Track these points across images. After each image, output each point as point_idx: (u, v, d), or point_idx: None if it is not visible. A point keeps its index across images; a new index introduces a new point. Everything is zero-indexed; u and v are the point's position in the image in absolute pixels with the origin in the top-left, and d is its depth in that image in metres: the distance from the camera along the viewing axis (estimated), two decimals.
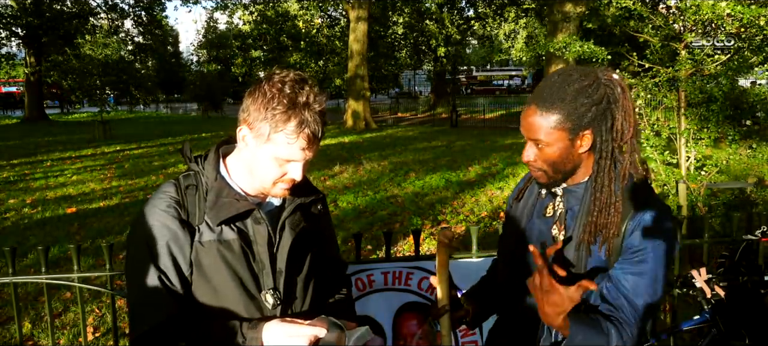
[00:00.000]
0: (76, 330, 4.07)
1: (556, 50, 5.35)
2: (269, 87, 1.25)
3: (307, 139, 1.25)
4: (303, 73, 1.29)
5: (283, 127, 1.23)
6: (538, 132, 1.31)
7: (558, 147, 1.31)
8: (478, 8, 29.66)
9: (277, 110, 1.23)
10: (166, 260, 1.27)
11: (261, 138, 1.26)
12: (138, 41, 34.68)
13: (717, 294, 2.21)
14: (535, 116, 1.31)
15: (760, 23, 4.00)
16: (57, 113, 35.31)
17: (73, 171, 11.68)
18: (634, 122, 1.36)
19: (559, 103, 1.29)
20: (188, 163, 1.40)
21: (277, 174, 1.30)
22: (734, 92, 4.47)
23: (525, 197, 1.55)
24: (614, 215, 1.31)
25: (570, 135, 1.31)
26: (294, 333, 1.22)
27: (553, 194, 1.45)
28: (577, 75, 1.31)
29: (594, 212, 1.33)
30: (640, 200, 1.33)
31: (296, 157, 1.27)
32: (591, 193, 1.35)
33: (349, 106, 22.38)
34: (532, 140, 1.34)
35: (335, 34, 31.38)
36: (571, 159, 1.34)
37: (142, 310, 1.28)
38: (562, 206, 1.42)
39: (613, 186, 1.33)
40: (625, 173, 1.35)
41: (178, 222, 1.29)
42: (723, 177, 5.72)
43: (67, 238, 6.53)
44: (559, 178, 1.38)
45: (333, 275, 1.61)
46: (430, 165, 11.58)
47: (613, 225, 1.31)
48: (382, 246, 3.83)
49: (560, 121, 1.29)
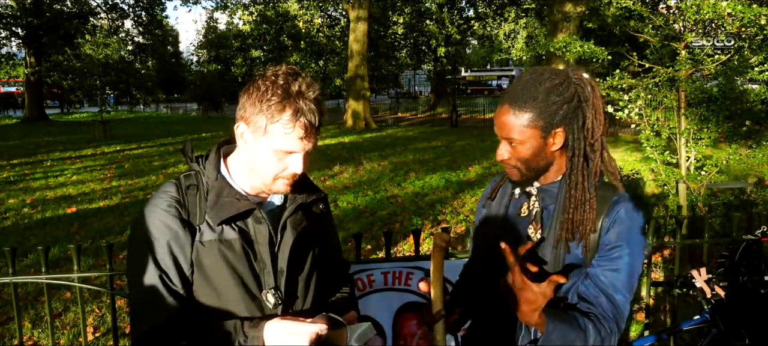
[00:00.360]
0: (76, 330, 4.07)
1: (557, 50, 5.35)
2: (263, 82, 1.26)
3: (304, 128, 1.25)
4: (295, 67, 1.30)
5: (279, 118, 1.23)
6: (511, 131, 1.34)
7: (531, 145, 1.34)
8: (478, 8, 29.65)
9: (272, 101, 1.23)
10: (167, 260, 1.27)
11: (258, 132, 1.26)
12: (138, 41, 34.69)
13: (717, 294, 2.21)
14: (508, 115, 1.34)
15: (761, 23, 3.99)
16: (57, 113, 35.31)
17: (73, 171, 11.67)
18: (604, 120, 1.39)
19: (531, 102, 1.32)
20: (189, 163, 1.40)
21: (277, 168, 1.30)
22: (734, 92, 4.47)
23: (498, 196, 1.57)
24: (589, 211, 1.35)
25: (542, 133, 1.34)
26: (295, 331, 1.22)
27: (527, 193, 1.47)
28: (548, 74, 1.34)
29: (570, 209, 1.36)
30: (613, 197, 1.36)
31: (295, 147, 1.27)
32: (566, 190, 1.38)
33: (349, 106, 22.37)
34: (505, 139, 1.37)
35: (335, 34, 31.38)
36: (544, 157, 1.37)
37: (144, 310, 1.28)
38: (537, 205, 1.44)
39: (586, 183, 1.36)
40: (596, 170, 1.38)
41: (179, 222, 1.29)
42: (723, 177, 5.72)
43: (67, 238, 6.53)
44: (532, 175, 1.41)
45: (335, 274, 1.61)
46: (430, 165, 11.58)
47: (589, 221, 1.34)
48: (382, 246, 3.83)
49: (532, 119, 1.32)
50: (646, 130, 4.76)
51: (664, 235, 5.07)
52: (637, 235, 1.34)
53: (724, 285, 2.21)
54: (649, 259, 2.88)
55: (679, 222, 2.83)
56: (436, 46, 29.15)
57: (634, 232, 1.33)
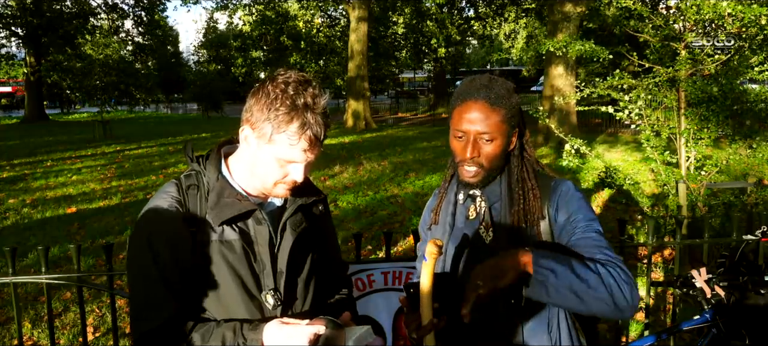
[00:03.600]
0: (76, 330, 4.07)
1: (557, 49, 5.35)
2: (272, 87, 1.25)
3: (309, 141, 1.25)
4: (306, 75, 1.29)
5: (285, 129, 1.23)
6: (486, 126, 1.37)
7: (500, 143, 1.40)
8: (479, 8, 29.63)
9: (279, 111, 1.23)
10: (168, 260, 1.27)
11: (263, 138, 1.26)
12: (138, 41, 34.68)
13: (717, 294, 2.21)
14: (486, 110, 1.37)
15: (761, 23, 3.99)
16: (57, 113, 35.30)
17: (73, 171, 11.67)
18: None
19: (504, 101, 1.38)
20: (190, 163, 1.40)
21: (278, 175, 1.30)
22: (734, 92, 4.47)
23: (442, 210, 1.57)
24: (534, 199, 1.42)
25: (510, 132, 1.42)
26: (293, 333, 1.22)
27: (471, 196, 1.50)
28: (501, 79, 1.44)
29: (519, 201, 1.42)
30: (551, 183, 1.46)
31: (298, 158, 1.27)
32: (508, 185, 1.46)
33: (349, 106, 22.36)
34: (478, 134, 1.38)
35: (335, 34, 31.35)
36: (504, 156, 1.44)
37: (144, 310, 1.28)
38: (484, 205, 1.47)
39: (526, 174, 1.46)
40: (531, 165, 1.48)
41: (179, 222, 1.29)
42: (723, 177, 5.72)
43: (67, 238, 6.53)
44: (490, 177, 1.45)
45: (334, 276, 1.61)
46: (430, 165, 11.58)
47: (536, 209, 1.42)
48: (382, 246, 3.83)
49: (505, 117, 1.39)
50: (646, 130, 4.76)
51: (664, 235, 5.06)
52: (581, 196, 1.42)
53: (724, 285, 2.21)
54: (649, 259, 2.88)
55: (679, 222, 2.83)
56: (437, 46, 29.13)
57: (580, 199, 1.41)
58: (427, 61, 34.72)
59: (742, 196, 4.65)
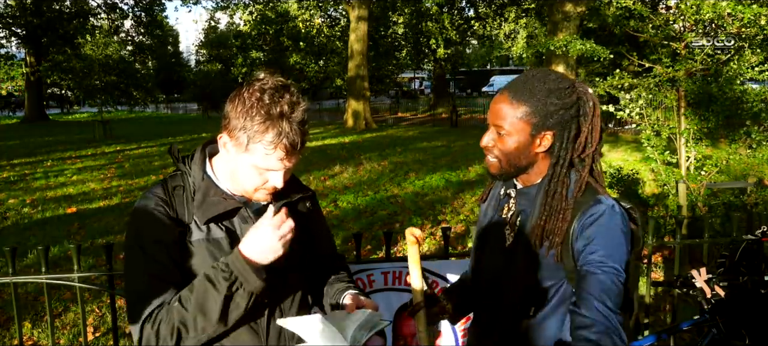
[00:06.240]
0: (76, 330, 4.07)
1: (558, 49, 5.35)
2: (248, 95, 1.24)
3: (284, 150, 1.24)
4: (284, 79, 1.28)
5: (260, 139, 1.23)
6: (503, 119, 1.33)
7: (518, 139, 1.33)
8: (478, 8, 29.62)
9: (255, 120, 1.22)
10: (158, 258, 1.28)
11: (240, 147, 1.26)
12: (138, 41, 34.65)
13: (717, 294, 2.21)
14: (505, 104, 1.33)
15: (761, 23, 3.99)
16: (57, 113, 35.28)
17: (73, 171, 11.67)
18: (599, 140, 1.35)
19: (530, 96, 1.31)
20: (176, 163, 1.42)
21: (257, 182, 1.31)
22: (734, 92, 4.47)
23: (489, 196, 1.58)
24: (562, 221, 1.30)
25: (533, 130, 1.32)
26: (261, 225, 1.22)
27: (508, 194, 1.48)
28: (554, 76, 1.32)
29: (543, 216, 1.33)
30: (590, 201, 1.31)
31: (275, 166, 1.27)
32: (542, 197, 1.35)
33: (349, 106, 22.36)
34: (495, 126, 1.36)
35: (335, 34, 31.34)
36: (527, 155, 1.35)
37: (137, 307, 1.29)
38: (514, 208, 1.44)
39: (564, 192, 1.32)
40: (582, 183, 1.33)
41: (166, 221, 1.31)
42: (723, 177, 5.72)
43: (67, 238, 6.53)
44: (511, 172, 1.39)
45: (331, 267, 1.62)
46: (430, 165, 11.58)
47: (561, 232, 1.30)
48: (382, 246, 3.83)
49: (527, 114, 1.31)
50: (647, 130, 4.76)
51: (664, 235, 5.07)
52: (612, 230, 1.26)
53: (724, 285, 2.21)
54: (649, 259, 2.88)
55: (679, 222, 2.83)
56: (436, 46, 29.11)
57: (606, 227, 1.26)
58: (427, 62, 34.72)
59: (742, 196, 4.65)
